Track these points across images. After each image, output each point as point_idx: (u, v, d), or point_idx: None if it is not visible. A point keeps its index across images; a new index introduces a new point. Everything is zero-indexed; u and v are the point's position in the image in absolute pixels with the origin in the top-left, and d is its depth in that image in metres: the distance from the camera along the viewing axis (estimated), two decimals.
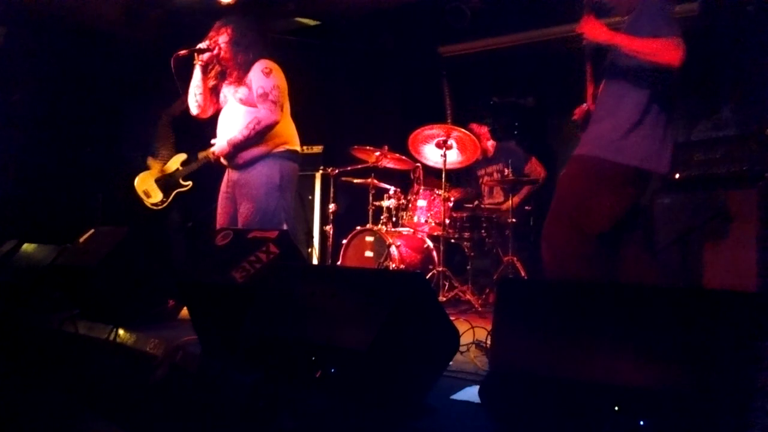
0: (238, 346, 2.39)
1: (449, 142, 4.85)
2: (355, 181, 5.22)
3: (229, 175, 3.71)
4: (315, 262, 5.57)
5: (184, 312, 3.44)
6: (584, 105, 3.02)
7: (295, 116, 3.81)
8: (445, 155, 4.82)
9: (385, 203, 5.17)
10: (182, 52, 3.58)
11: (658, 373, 1.60)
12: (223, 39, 3.60)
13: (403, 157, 5.15)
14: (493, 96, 5.96)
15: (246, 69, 3.58)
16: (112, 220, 4.79)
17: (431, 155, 5.12)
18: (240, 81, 3.57)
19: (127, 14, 5.45)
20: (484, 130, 5.62)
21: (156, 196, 4.98)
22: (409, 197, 5.17)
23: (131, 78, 5.49)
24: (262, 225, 3.43)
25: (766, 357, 1.63)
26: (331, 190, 5.26)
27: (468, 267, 4.95)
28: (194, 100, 3.68)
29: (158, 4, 5.19)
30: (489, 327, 2.48)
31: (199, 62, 3.63)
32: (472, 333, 3.06)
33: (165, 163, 5.05)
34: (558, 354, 1.76)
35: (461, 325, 2.90)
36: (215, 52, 3.59)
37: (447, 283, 4.76)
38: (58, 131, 5.32)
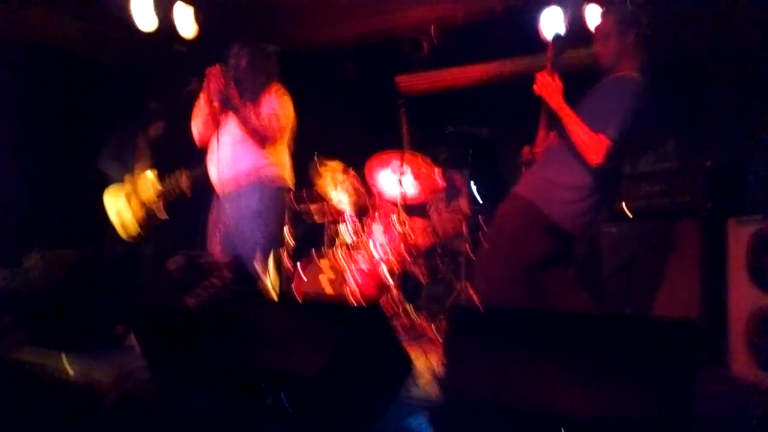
0: (190, 372, 2.37)
1: (404, 167, 4.91)
2: (312, 206, 5.22)
3: (217, 201, 3.71)
4: (269, 287, 5.52)
5: (133, 338, 3.39)
6: (532, 147, 3.12)
7: None
8: (401, 180, 4.88)
9: (341, 228, 5.19)
10: (191, 87, 3.62)
11: (604, 401, 1.65)
12: (241, 63, 3.63)
13: (361, 185, 5.19)
14: (448, 125, 6.07)
15: (260, 91, 3.63)
16: (73, 243, 4.66)
17: (386, 184, 5.16)
18: (250, 103, 3.60)
19: (87, 36, 5.38)
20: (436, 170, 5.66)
21: (133, 228, 4.66)
22: (365, 223, 5.20)
23: (104, 100, 5.44)
24: (241, 250, 3.44)
25: (706, 383, 1.70)
26: (287, 214, 5.24)
27: (422, 294, 4.99)
28: (197, 128, 3.70)
29: (119, 27, 5.14)
30: (441, 354, 2.51)
31: (208, 87, 3.59)
32: (425, 359, 3.08)
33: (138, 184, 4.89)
34: (507, 382, 1.80)
35: (414, 352, 2.92)
36: (231, 75, 3.57)
37: (401, 310, 4.78)
38: (23, 152, 5.19)
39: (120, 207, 4.69)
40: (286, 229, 5.13)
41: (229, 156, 3.59)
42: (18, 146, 5.14)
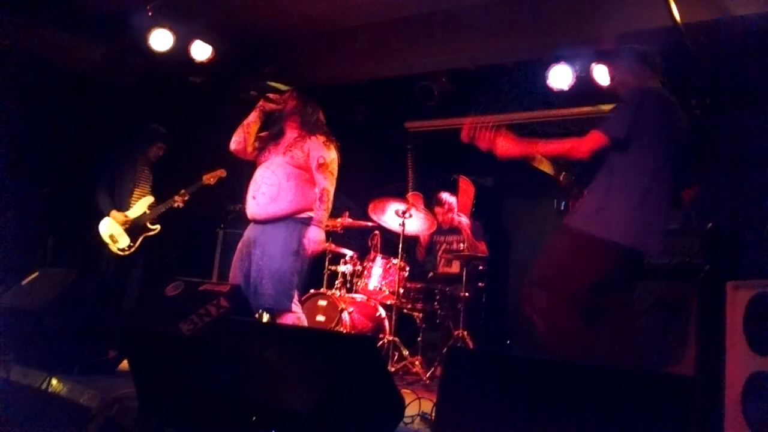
0: (178, 401, 2.34)
1: (408, 214, 4.93)
2: None
3: (249, 233, 3.73)
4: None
5: (124, 364, 3.35)
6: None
7: None
8: (403, 224, 4.89)
9: (341, 268, 5.19)
10: (253, 92, 3.87)
11: None
12: (291, 103, 3.81)
13: (363, 225, 5.22)
14: (453, 173, 6.12)
15: (305, 133, 3.76)
16: (65, 263, 4.68)
17: (390, 221, 5.18)
18: (294, 144, 3.72)
19: (109, 60, 5.51)
20: (452, 202, 5.71)
21: (123, 241, 4.95)
22: (365, 264, 5.19)
23: (108, 122, 5.52)
24: (273, 287, 3.51)
25: None
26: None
27: (418, 339, 4.95)
28: (240, 136, 3.80)
29: (140, 53, 5.28)
30: (435, 400, 2.48)
31: (262, 107, 3.78)
32: (418, 404, 3.04)
33: (129, 210, 5.03)
34: (500, 430, 1.78)
35: (407, 397, 2.88)
36: (281, 106, 3.79)
37: (396, 354, 4.74)
38: (24, 171, 5.24)
39: (114, 231, 5.00)
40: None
41: (273, 191, 3.65)
42: (29, 169, 5.20)
